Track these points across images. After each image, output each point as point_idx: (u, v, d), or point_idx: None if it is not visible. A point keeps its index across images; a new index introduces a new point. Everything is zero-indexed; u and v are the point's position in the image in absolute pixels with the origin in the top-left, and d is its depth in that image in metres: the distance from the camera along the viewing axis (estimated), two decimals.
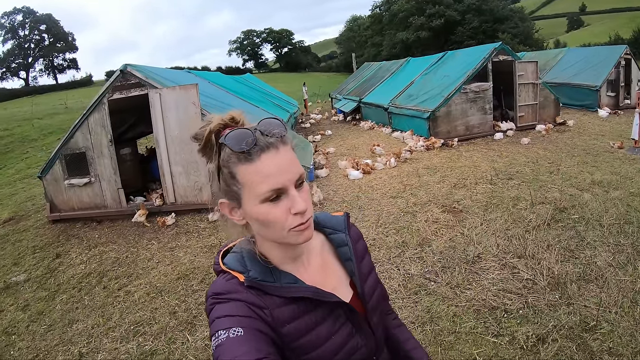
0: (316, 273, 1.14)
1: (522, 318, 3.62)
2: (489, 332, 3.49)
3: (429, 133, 11.06)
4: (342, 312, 1.11)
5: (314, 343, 1.03)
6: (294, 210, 0.97)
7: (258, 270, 1.05)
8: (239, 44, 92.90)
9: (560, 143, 9.88)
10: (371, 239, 5.66)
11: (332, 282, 1.15)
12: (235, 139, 0.95)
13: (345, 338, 1.09)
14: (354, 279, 1.19)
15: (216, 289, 1.03)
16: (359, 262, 1.22)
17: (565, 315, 3.59)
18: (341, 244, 1.22)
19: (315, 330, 1.04)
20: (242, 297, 0.99)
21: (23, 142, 17.23)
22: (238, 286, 1.02)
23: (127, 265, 5.79)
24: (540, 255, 4.66)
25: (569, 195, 6.31)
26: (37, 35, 73.94)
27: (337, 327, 1.08)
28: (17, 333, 4.51)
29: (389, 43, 54.44)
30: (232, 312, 0.97)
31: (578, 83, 15.03)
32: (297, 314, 1.03)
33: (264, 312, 0.99)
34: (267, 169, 0.95)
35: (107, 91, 7.15)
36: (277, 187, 0.96)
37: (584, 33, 78.38)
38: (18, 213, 8.85)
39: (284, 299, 1.03)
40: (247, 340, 0.92)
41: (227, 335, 0.92)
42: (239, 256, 1.09)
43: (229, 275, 1.05)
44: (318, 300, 1.06)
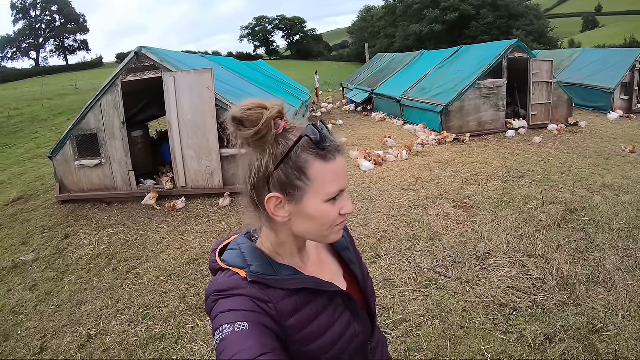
0: (314, 265, 1.16)
1: (531, 317, 3.62)
2: (498, 329, 3.49)
3: (441, 127, 10.98)
4: (341, 301, 1.12)
5: (315, 334, 1.03)
6: (344, 211, 1.01)
7: (259, 265, 1.04)
8: (250, 30, 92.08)
9: (572, 144, 9.78)
10: (382, 230, 5.63)
11: (328, 274, 1.17)
12: (317, 134, 0.94)
13: (345, 327, 1.10)
14: (352, 266, 1.25)
15: (218, 286, 1.02)
16: (354, 249, 1.29)
17: (573, 316, 3.59)
18: None
19: (317, 321, 1.05)
20: (246, 292, 0.99)
21: (33, 122, 17.25)
22: (241, 282, 1.01)
23: (136, 248, 5.77)
24: (550, 255, 4.63)
25: (580, 197, 6.27)
26: (48, 16, 73.86)
27: (336, 316, 1.09)
28: (25, 313, 4.49)
29: (401, 35, 54.00)
30: (237, 306, 0.96)
31: (592, 84, 14.79)
32: (300, 305, 1.03)
33: (269, 307, 0.99)
34: (340, 170, 0.98)
35: (120, 73, 7.10)
36: (342, 189, 0.99)
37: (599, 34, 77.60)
38: (27, 192, 8.85)
39: (287, 292, 1.03)
40: (253, 335, 0.91)
41: (232, 329, 0.91)
42: (237, 252, 1.09)
43: (229, 272, 1.05)
44: (318, 291, 1.07)
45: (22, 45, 72.88)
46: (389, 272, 4.57)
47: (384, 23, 60.43)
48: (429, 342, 3.41)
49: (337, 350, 1.06)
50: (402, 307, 3.92)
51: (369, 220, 6.01)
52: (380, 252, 5.03)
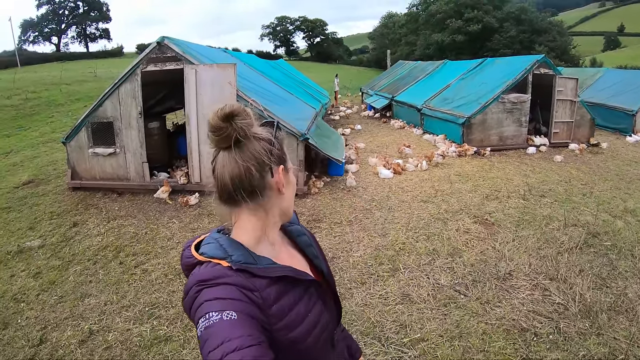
0: (286, 258, 1.21)
1: (552, 344, 3.48)
2: (518, 355, 3.36)
3: (462, 139, 10.79)
4: (314, 290, 1.18)
5: (294, 321, 1.06)
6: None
7: (240, 254, 1.06)
8: (271, 29, 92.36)
9: (593, 165, 9.55)
10: (400, 242, 5.47)
11: (299, 266, 1.21)
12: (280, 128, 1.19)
13: (318, 315, 1.15)
14: (317, 262, 1.32)
15: (202, 277, 1.01)
16: (317, 246, 1.38)
17: (594, 345, 3.46)
18: (299, 233, 1.36)
19: (296, 309, 1.08)
20: (232, 280, 0.99)
21: (49, 106, 17.26)
22: (226, 270, 1.01)
23: (145, 242, 5.61)
24: (572, 279, 4.47)
25: (602, 221, 6.07)
26: (72, 3, 74.47)
27: (311, 305, 1.14)
28: (27, 301, 4.36)
29: (423, 43, 53.76)
30: (223, 295, 0.96)
31: (614, 105, 14.46)
32: (280, 294, 1.06)
33: (255, 295, 1.00)
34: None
35: (141, 62, 6.97)
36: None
37: (621, 54, 76.66)
38: (38, 176, 8.76)
39: (269, 280, 1.05)
40: (241, 325, 0.91)
41: (219, 317, 0.91)
42: (216, 244, 1.10)
43: (211, 263, 1.04)
44: (295, 280, 1.11)
45: (44, 29, 73.49)
46: (407, 287, 4.42)
47: (405, 30, 60.21)
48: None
49: (313, 337, 1.11)
50: (420, 325, 3.76)
51: (387, 231, 5.84)
52: (399, 265, 4.87)
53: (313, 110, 10.39)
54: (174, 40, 7.06)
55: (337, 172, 8.31)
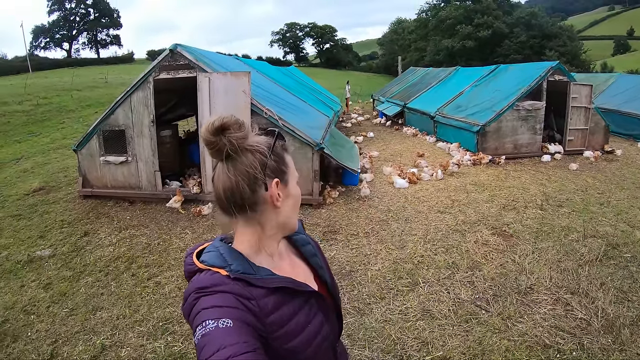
0: (288, 268, 1.21)
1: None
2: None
3: (476, 147, 10.64)
4: (314, 302, 1.19)
5: (294, 331, 1.07)
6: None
7: (239, 264, 1.08)
8: (281, 36, 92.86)
9: (609, 173, 9.37)
10: (419, 255, 5.34)
11: (301, 276, 1.22)
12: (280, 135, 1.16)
13: (318, 327, 1.15)
14: (321, 272, 1.32)
15: (200, 284, 1.03)
16: (322, 256, 1.38)
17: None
18: (304, 243, 1.36)
19: (295, 319, 1.09)
20: (229, 288, 1.01)
21: (60, 112, 17.31)
22: (224, 279, 1.03)
23: (158, 254, 5.50)
24: (594, 293, 4.37)
25: (621, 231, 5.94)
26: (83, 9, 75.28)
27: (311, 317, 1.15)
28: (37, 313, 4.26)
29: (432, 49, 53.73)
30: (220, 303, 0.98)
31: (628, 111, 14.25)
32: (279, 304, 1.07)
33: (252, 303, 1.02)
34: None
35: (153, 70, 6.90)
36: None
37: (631, 58, 76.10)
38: (49, 183, 8.73)
39: (266, 290, 1.06)
40: (236, 333, 0.92)
41: (215, 324, 0.93)
42: (216, 253, 1.11)
43: (210, 271, 1.06)
44: (294, 291, 1.12)
45: (56, 35, 74.30)
46: (427, 302, 4.30)
47: (415, 36, 60.28)
48: None
49: (313, 350, 1.11)
50: (442, 342, 3.66)
51: (404, 243, 5.71)
52: (418, 279, 4.74)
53: (326, 118, 10.27)
54: (186, 47, 6.98)
55: (351, 182, 8.18)
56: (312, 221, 6.48)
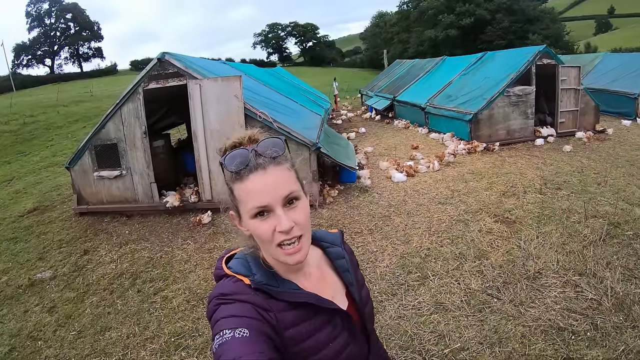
0: (316, 283, 1.18)
1: (590, 341, 3.44)
2: (559, 356, 3.30)
3: (470, 136, 10.63)
4: (340, 321, 1.15)
5: (313, 348, 1.05)
6: (278, 228, 1.02)
7: (263, 275, 1.08)
8: (263, 37, 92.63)
9: (603, 152, 9.41)
10: (425, 248, 5.33)
11: (330, 292, 1.19)
12: (229, 159, 1.04)
13: (342, 346, 1.12)
14: (352, 289, 1.26)
15: (222, 290, 1.05)
16: (355, 272, 1.31)
17: (631, 339, 3.41)
18: (338, 257, 1.30)
19: (315, 336, 1.07)
20: (248, 298, 1.02)
21: (48, 129, 17.12)
22: (245, 288, 1.04)
23: (162, 267, 5.41)
24: (601, 273, 4.39)
25: (621, 210, 5.97)
26: (63, 24, 74.66)
27: (334, 335, 1.11)
28: (44, 339, 4.16)
29: (416, 40, 53.65)
30: (238, 312, 0.98)
31: (615, 90, 14.31)
32: (299, 319, 1.06)
33: (270, 315, 1.01)
34: (253, 187, 1.02)
35: (142, 80, 6.78)
36: (261, 205, 1.02)
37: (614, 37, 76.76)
38: (43, 203, 8.58)
39: (287, 304, 1.06)
40: (252, 342, 0.92)
41: (232, 334, 0.93)
42: (243, 261, 1.13)
43: (234, 278, 1.08)
44: (318, 307, 1.09)
45: (37, 52, 73.63)
46: (439, 294, 4.29)
47: (397, 29, 60.14)
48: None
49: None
50: (458, 334, 3.65)
51: (409, 237, 5.68)
52: (427, 273, 4.72)
53: (319, 117, 10.19)
54: (175, 55, 6.88)
55: (349, 179, 8.12)
56: (314, 222, 6.42)
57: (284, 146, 1.09)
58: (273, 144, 1.07)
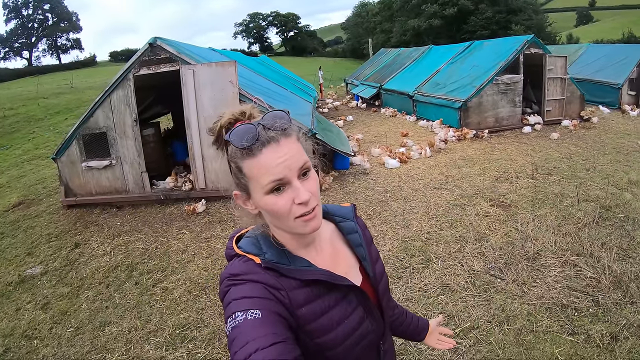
0: (328, 259, 1.15)
1: (593, 316, 3.58)
2: (564, 331, 3.43)
3: (459, 123, 10.73)
4: (354, 297, 1.12)
5: (327, 326, 1.04)
6: (297, 200, 0.98)
7: (273, 253, 1.06)
8: (244, 27, 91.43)
9: (589, 140, 9.60)
10: (425, 232, 5.40)
11: (343, 268, 1.17)
12: (237, 135, 0.97)
13: (357, 322, 1.10)
14: (365, 264, 1.23)
15: (233, 270, 1.03)
16: (368, 247, 1.27)
17: (631, 314, 3.55)
18: (350, 231, 1.26)
19: (329, 314, 1.05)
20: (259, 278, 0.99)
21: (29, 122, 16.66)
22: (255, 267, 1.02)
23: (158, 258, 5.27)
24: (598, 253, 4.52)
25: (611, 194, 6.15)
26: (40, 15, 72.72)
27: (349, 312, 1.09)
28: (39, 337, 4.00)
29: (399, 30, 53.40)
30: (249, 293, 0.96)
31: (600, 80, 14.67)
32: (312, 297, 1.04)
33: (281, 294, 0.99)
34: (268, 162, 0.97)
35: (133, 66, 6.59)
36: (278, 179, 0.97)
37: (594, 28, 77.57)
38: (28, 197, 8.33)
39: (299, 282, 1.03)
40: (265, 323, 0.91)
41: (244, 317, 0.91)
42: (253, 240, 1.10)
43: (244, 257, 1.06)
44: (331, 284, 1.07)
45: (15, 44, 71.72)
46: (444, 276, 4.36)
47: (380, 18, 59.83)
48: (503, 349, 3.28)
49: (348, 346, 1.07)
50: (467, 314, 3.73)
51: (409, 222, 5.70)
52: (430, 255, 4.78)
53: (309, 105, 10.12)
54: (167, 40, 6.69)
55: (343, 166, 8.09)
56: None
57: (289, 117, 1.04)
58: (279, 117, 1.02)
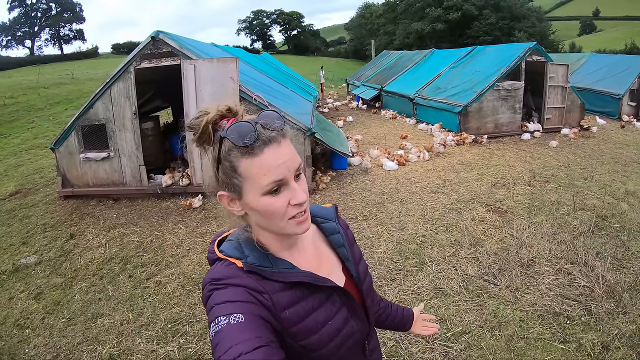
0: (311, 260, 1.15)
1: (585, 325, 3.60)
2: (556, 339, 3.44)
3: (459, 128, 10.75)
4: (338, 297, 1.12)
5: (311, 328, 1.03)
6: (294, 201, 0.98)
7: (255, 256, 1.05)
8: (248, 24, 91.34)
9: (588, 149, 9.66)
10: (420, 235, 5.42)
11: (326, 269, 1.17)
12: (237, 132, 0.94)
13: (342, 323, 1.10)
14: (348, 264, 1.23)
15: (215, 275, 1.02)
16: (351, 247, 1.27)
17: (623, 324, 3.58)
18: (332, 232, 1.26)
19: (313, 315, 1.04)
20: (241, 282, 0.99)
21: (29, 111, 16.63)
22: (237, 271, 1.01)
23: (153, 251, 5.27)
24: (592, 262, 4.56)
25: (607, 204, 6.19)
26: (44, 4, 72.54)
27: (333, 312, 1.09)
28: (32, 327, 3.98)
29: (402, 32, 53.51)
30: (232, 297, 0.95)
31: (600, 90, 14.72)
32: (295, 299, 1.03)
33: (264, 297, 0.99)
34: (270, 162, 0.95)
35: (134, 59, 6.58)
36: (279, 179, 0.96)
37: (598, 38, 77.89)
38: (25, 186, 8.32)
39: (282, 285, 1.03)
40: (248, 328, 0.90)
41: (227, 321, 0.91)
42: (235, 244, 1.09)
43: (226, 261, 1.05)
44: (315, 286, 1.07)
45: (17, 33, 71.47)
46: (437, 280, 4.38)
47: (383, 20, 59.93)
48: (494, 354, 3.29)
49: (333, 346, 1.07)
50: (459, 318, 3.74)
51: (404, 224, 5.73)
52: (425, 259, 4.81)
53: (310, 104, 10.10)
54: (169, 34, 6.69)
55: (340, 166, 8.11)
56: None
57: (283, 118, 1.02)
58: (275, 117, 1.00)
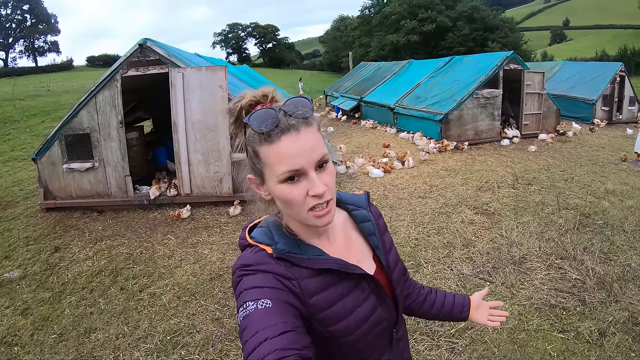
0: (341, 247, 1.15)
1: (580, 314, 3.78)
2: (555, 329, 3.61)
3: (440, 135, 10.94)
4: (367, 285, 1.13)
5: (339, 315, 1.04)
6: (312, 192, 0.97)
7: (285, 243, 1.06)
8: (223, 37, 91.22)
9: (566, 152, 10.08)
10: (413, 238, 5.56)
11: (356, 256, 1.17)
12: (257, 119, 0.96)
13: (370, 310, 1.11)
14: (378, 252, 1.22)
15: (244, 261, 1.03)
16: (381, 235, 1.26)
17: (616, 311, 3.78)
18: (363, 219, 1.25)
19: (341, 302, 1.05)
20: (270, 268, 1.00)
21: (5, 123, 16.20)
22: (267, 257, 1.02)
23: (143, 263, 5.16)
24: (581, 257, 4.77)
25: (589, 202, 6.48)
26: (19, 15, 71.12)
27: (361, 300, 1.10)
28: (20, 344, 3.80)
29: (377, 45, 54.20)
30: (260, 283, 0.97)
31: (574, 96, 15.39)
32: (324, 285, 1.04)
33: (292, 284, 1.00)
34: (286, 150, 0.95)
35: (121, 66, 6.48)
36: (294, 169, 0.96)
37: (568, 47, 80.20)
38: (4, 199, 8.07)
39: (311, 271, 1.03)
40: (275, 313, 0.91)
41: (255, 306, 0.92)
42: (266, 230, 1.10)
43: (256, 247, 1.06)
44: (344, 273, 1.07)
45: None
46: (434, 280, 4.50)
47: (358, 33, 60.63)
48: (498, 347, 3.41)
49: (360, 333, 1.08)
50: None
51: (396, 229, 5.83)
52: (420, 260, 4.92)
53: None
54: (157, 42, 6.61)
55: None
56: None
57: (312, 105, 1.01)
58: (302, 104, 0.99)
